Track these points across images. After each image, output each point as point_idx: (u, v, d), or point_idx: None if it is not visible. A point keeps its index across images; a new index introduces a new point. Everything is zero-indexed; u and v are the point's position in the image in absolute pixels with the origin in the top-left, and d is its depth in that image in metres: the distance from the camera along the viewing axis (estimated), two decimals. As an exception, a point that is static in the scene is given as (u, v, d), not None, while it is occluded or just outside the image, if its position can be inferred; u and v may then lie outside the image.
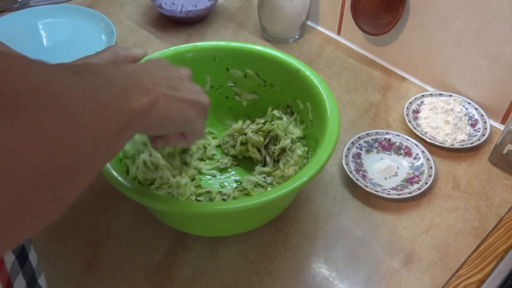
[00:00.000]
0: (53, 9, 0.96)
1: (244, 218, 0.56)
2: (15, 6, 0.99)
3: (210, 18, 0.97)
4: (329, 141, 0.53)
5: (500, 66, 0.70)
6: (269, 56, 0.65)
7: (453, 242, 0.59)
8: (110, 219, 0.61)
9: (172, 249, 0.58)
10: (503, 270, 0.56)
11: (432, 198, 0.64)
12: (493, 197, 0.64)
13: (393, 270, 0.56)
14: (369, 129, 0.71)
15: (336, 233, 0.60)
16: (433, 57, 0.78)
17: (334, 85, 0.81)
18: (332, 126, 0.55)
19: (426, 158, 0.67)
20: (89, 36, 0.91)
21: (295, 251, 0.58)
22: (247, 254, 0.58)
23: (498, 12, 0.66)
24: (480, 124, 0.72)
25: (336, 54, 0.88)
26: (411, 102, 0.75)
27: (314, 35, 0.92)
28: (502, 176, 0.67)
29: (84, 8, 0.95)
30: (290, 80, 0.64)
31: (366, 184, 0.64)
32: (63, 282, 0.56)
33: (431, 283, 0.55)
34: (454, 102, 0.74)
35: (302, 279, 0.56)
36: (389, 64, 0.85)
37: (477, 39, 0.71)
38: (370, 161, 0.68)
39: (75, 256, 0.58)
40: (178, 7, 0.92)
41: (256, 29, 0.94)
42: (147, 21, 0.96)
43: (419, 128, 0.72)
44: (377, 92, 0.80)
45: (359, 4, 0.82)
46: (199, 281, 0.55)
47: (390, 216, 0.62)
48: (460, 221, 0.61)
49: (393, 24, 0.78)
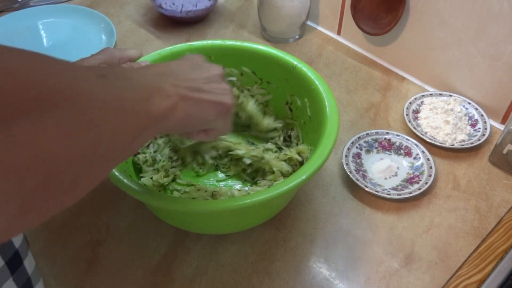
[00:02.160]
0: (53, 9, 0.96)
1: (244, 215, 0.56)
2: (15, 6, 0.99)
3: (210, 18, 0.97)
4: (329, 137, 0.53)
5: (500, 66, 0.70)
6: (265, 53, 0.65)
7: (453, 242, 0.59)
8: (110, 219, 0.61)
9: (172, 249, 0.58)
10: (503, 270, 0.56)
11: (432, 198, 0.64)
12: (493, 197, 0.64)
13: (393, 270, 0.56)
14: (369, 129, 0.71)
15: (336, 233, 0.60)
16: (433, 57, 0.78)
17: (334, 85, 0.81)
18: (332, 122, 0.55)
19: (426, 158, 0.67)
20: (89, 36, 0.91)
21: (295, 251, 0.58)
22: (247, 254, 0.58)
23: (498, 12, 0.66)
24: (480, 124, 0.72)
25: (336, 54, 0.88)
26: (411, 102, 0.75)
27: (314, 35, 0.92)
28: (502, 176, 0.67)
29: (84, 8, 0.96)
30: (286, 77, 0.64)
31: (366, 184, 0.64)
32: (63, 282, 0.56)
33: (431, 283, 0.55)
34: (454, 102, 0.74)
35: (302, 279, 0.56)
36: (389, 64, 0.85)
37: (477, 39, 0.71)
38: (370, 161, 0.68)
39: (75, 256, 0.58)
40: (178, 7, 0.92)
41: (256, 29, 0.94)
42: (147, 21, 0.96)
43: (419, 128, 0.72)
44: (377, 92, 0.80)
45: (359, 4, 0.82)
46: (199, 281, 0.55)
47: (390, 216, 0.62)
48: (460, 221, 0.61)
49: (393, 24, 0.78)
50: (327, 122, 0.55)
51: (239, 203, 0.48)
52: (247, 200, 0.48)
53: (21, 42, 0.90)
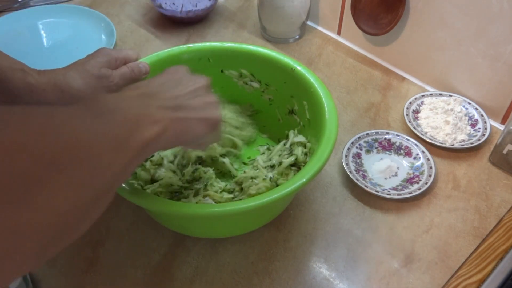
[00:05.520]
0: (53, 9, 0.96)
1: (243, 220, 0.56)
2: (15, 6, 0.99)
3: (210, 18, 0.97)
4: (328, 141, 0.53)
5: (500, 66, 0.70)
6: (264, 55, 0.65)
7: (453, 242, 0.59)
8: (110, 219, 0.61)
9: (172, 249, 0.58)
10: (503, 270, 0.56)
11: (432, 198, 0.64)
12: (493, 197, 0.64)
13: (393, 270, 0.56)
14: (369, 129, 0.71)
15: (336, 233, 0.60)
16: (433, 57, 0.78)
17: (334, 85, 0.81)
18: (331, 124, 0.55)
19: (426, 158, 0.67)
20: (89, 36, 0.91)
21: (295, 251, 0.58)
22: (247, 254, 0.58)
23: (498, 12, 0.66)
24: (480, 124, 0.72)
25: (336, 54, 0.88)
26: (411, 102, 0.75)
27: (314, 35, 0.92)
28: (502, 176, 0.67)
29: (84, 8, 0.96)
30: (285, 79, 0.64)
31: (366, 184, 0.64)
32: (63, 282, 0.56)
33: (431, 283, 0.55)
34: (454, 102, 0.74)
35: (302, 279, 0.56)
36: (389, 64, 0.85)
37: (477, 39, 0.71)
38: (370, 161, 0.68)
39: (75, 256, 0.58)
40: (178, 7, 0.92)
41: (256, 29, 0.94)
42: (147, 21, 0.96)
43: (419, 128, 0.72)
44: (377, 92, 0.80)
45: (359, 4, 0.82)
46: (199, 281, 0.55)
47: (390, 216, 0.62)
48: (460, 221, 0.61)
49: (393, 24, 0.78)
50: (326, 124, 0.55)
51: (236, 208, 0.47)
52: (245, 205, 0.47)
53: (21, 42, 0.90)
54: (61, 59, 0.72)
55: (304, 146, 0.62)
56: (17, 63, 0.54)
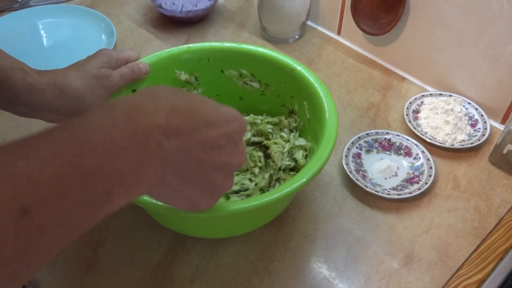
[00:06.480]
0: (53, 9, 0.96)
1: (243, 220, 0.56)
2: (15, 6, 0.99)
3: (210, 18, 0.97)
4: (328, 141, 0.53)
5: (500, 66, 0.70)
6: (263, 55, 0.65)
7: (453, 242, 0.59)
8: (110, 219, 0.61)
9: (172, 249, 0.58)
10: (503, 270, 0.56)
11: (432, 198, 0.64)
12: (493, 197, 0.64)
13: (393, 270, 0.56)
14: (369, 129, 0.71)
15: (336, 233, 0.60)
16: (433, 57, 0.78)
17: (334, 85, 0.81)
18: (331, 125, 0.55)
19: (426, 158, 0.67)
20: (89, 36, 0.91)
21: (295, 251, 0.58)
22: (247, 254, 0.58)
23: (498, 12, 0.66)
24: (480, 124, 0.72)
25: (336, 54, 0.88)
26: (411, 102, 0.75)
27: (314, 35, 0.92)
28: (502, 176, 0.67)
29: (84, 8, 0.96)
30: (285, 80, 0.64)
31: (366, 184, 0.64)
32: (63, 282, 0.56)
33: (431, 283, 0.55)
34: (454, 102, 0.74)
35: (302, 279, 0.56)
36: (389, 64, 0.85)
37: (477, 39, 0.71)
38: (370, 161, 0.68)
39: (75, 256, 0.58)
40: (178, 7, 0.92)
41: (256, 29, 0.94)
42: (147, 21, 0.96)
43: (419, 128, 0.72)
44: (377, 92, 0.80)
45: (359, 4, 0.82)
46: (199, 281, 0.55)
47: (390, 216, 0.62)
48: (460, 221, 0.61)
49: (393, 24, 0.78)
50: (326, 124, 0.55)
51: (236, 208, 0.47)
52: (245, 205, 0.47)
53: (21, 42, 0.90)
54: (61, 59, 0.72)
55: (305, 150, 0.62)
56: (17, 62, 0.54)
